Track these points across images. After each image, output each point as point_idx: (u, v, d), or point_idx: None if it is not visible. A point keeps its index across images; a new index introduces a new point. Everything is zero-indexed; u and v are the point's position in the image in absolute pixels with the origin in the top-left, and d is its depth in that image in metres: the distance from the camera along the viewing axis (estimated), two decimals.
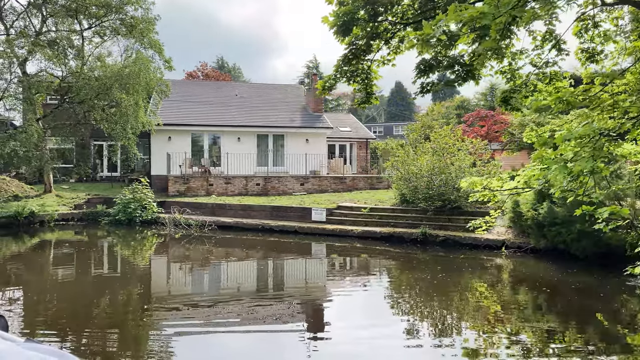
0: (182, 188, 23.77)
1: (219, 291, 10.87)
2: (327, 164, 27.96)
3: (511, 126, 23.84)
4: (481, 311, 9.12)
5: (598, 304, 9.65)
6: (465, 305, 9.64)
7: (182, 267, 13.87)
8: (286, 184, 24.88)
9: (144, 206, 21.14)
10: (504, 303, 9.80)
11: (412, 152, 18.16)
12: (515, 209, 14.72)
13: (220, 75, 49.03)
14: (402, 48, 11.56)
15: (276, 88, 34.36)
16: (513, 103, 12.21)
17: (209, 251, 15.65)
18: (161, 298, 10.27)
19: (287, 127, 27.69)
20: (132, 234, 19.15)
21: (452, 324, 8.45)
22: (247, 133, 27.32)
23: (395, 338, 7.58)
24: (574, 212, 12.47)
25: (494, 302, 9.91)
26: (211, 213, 20.62)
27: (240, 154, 26.10)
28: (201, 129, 26.81)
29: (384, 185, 25.97)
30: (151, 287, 11.74)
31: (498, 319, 8.58)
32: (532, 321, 8.52)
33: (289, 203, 20.39)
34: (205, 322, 8.35)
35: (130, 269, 13.69)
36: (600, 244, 12.14)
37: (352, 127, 34.68)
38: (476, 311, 9.14)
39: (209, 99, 29.80)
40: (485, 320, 8.46)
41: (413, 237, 15.78)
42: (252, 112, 28.91)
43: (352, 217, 18.10)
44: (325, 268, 13.81)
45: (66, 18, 23.52)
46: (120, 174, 29.75)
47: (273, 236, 17.78)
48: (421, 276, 12.06)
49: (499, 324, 8.20)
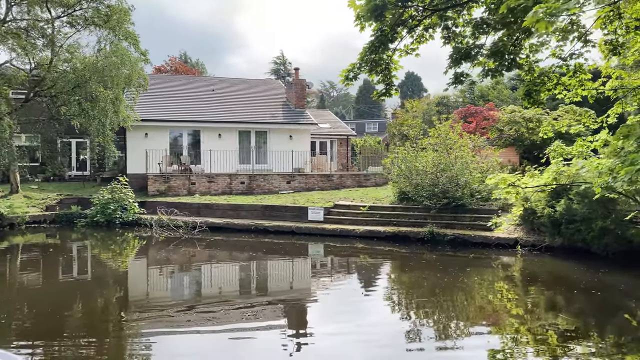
0: (162, 187, 22.49)
1: (221, 298, 9.94)
2: (311, 161, 27.16)
3: (499, 122, 23.66)
4: (533, 318, 8.56)
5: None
6: (503, 310, 9.07)
7: (175, 272, 12.81)
8: (272, 182, 23.95)
9: (124, 207, 19.82)
10: (553, 310, 9.27)
11: (411, 149, 17.58)
12: (525, 206, 14.33)
13: (190, 70, 47.40)
14: (427, 36, 10.94)
15: (254, 83, 33.28)
16: (535, 96, 11.79)
17: (203, 254, 14.63)
18: (153, 304, 9.24)
19: (270, 123, 26.72)
20: (113, 236, 17.85)
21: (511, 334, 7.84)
22: (229, 129, 26.20)
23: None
24: (594, 209, 12.16)
25: (537, 308, 9.37)
26: (197, 213, 19.49)
27: (221, 151, 24.98)
28: (180, 125, 25.53)
29: (372, 183, 25.39)
30: (149, 292, 10.66)
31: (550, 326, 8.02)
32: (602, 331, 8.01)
33: (281, 202, 19.50)
34: (210, 326, 7.48)
35: (117, 274, 12.54)
36: (621, 242, 11.86)
37: (331, 123, 33.99)
38: (520, 316, 8.57)
39: (186, 94, 28.47)
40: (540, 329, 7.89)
41: (420, 236, 15.19)
42: (232, 108, 27.78)
43: (351, 216, 17.39)
44: (334, 271, 13.04)
45: (32, 6, 21.81)
46: (91, 172, 28.04)
47: (268, 237, 16.87)
48: (442, 278, 11.44)
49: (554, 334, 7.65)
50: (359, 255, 14.49)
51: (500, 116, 23.54)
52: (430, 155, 16.40)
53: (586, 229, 12.27)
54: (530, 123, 23.07)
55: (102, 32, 21.95)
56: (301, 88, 29.18)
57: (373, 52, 9.90)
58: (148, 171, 23.23)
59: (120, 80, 19.21)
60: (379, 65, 10.53)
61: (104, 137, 20.03)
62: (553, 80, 11.58)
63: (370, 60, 10.06)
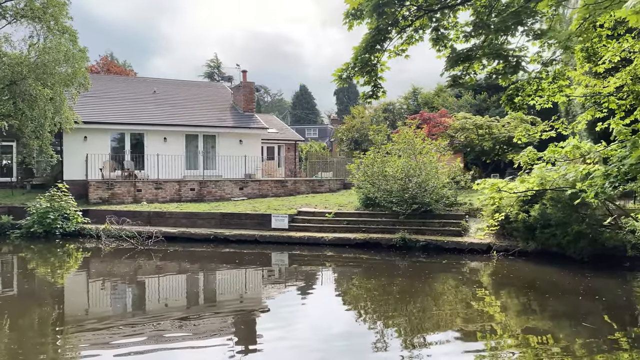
0: (105, 194, 20.83)
1: (188, 312, 9.06)
2: (262, 167, 26.34)
3: (450, 129, 24.03)
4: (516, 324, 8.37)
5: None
6: (493, 318, 8.86)
7: (129, 287, 11.65)
8: (224, 189, 22.89)
9: (65, 216, 18.11)
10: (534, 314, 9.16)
11: (378, 155, 17.27)
12: (496, 211, 14.41)
13: (124, 71, 44.96)
14: (417, 37, 10.65)
15: (197, 85, 32.01)
16: (517, 102, 11.82)
17: (163, 267, 13.52)
18: (102, 321, 8.23)
19: (219, 127, 25.60)
20: (53, 248, 16.17)
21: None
22: (175, 133, 24.84)
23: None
24: (568, 213, 12.35)
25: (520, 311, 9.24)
26: (148, 222, 18.14)
27: (167, 155, 23.60)
28: (122, 128, 23.86)
29: (326, 189, 24.96)
30: (102, 311, 9.52)
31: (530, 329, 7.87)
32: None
33: (240, 209, 18.57)
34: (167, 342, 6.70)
35: (56, 289, 11.21)
36: (596, 245, 12.12)
37: (278, 128, 33.28)
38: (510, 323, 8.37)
39: (126, 96, 26.77)
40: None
41: (392, 242, 14.88)
42: (178, 111, 26.41)
43: (317, 223, 16.81)
44: (309, 280, 12.38)
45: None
46: (18, 179, 25.58)
47: (229, 247, 15.94)
48: (421, 285, 11.14)
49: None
50: (330, 264, 13.94)
51: (452, 122, 23.91)
52: (400, 160, 16.18)
53: (561, 233, 12.45)
54: (480, 129, 23.59)
55: (37, 26, 20.08)
56: (249, 91, 28.32)
57: (367, 52, 9.46)
58: (89, 177, 21.46)
59: (61, 78, 17.53)
60: (367, 65, 10.11)
61: (42, 140, 18.20)
62: (533, 85, 11.71)
63: (364, 59, 9.61)
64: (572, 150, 13.04)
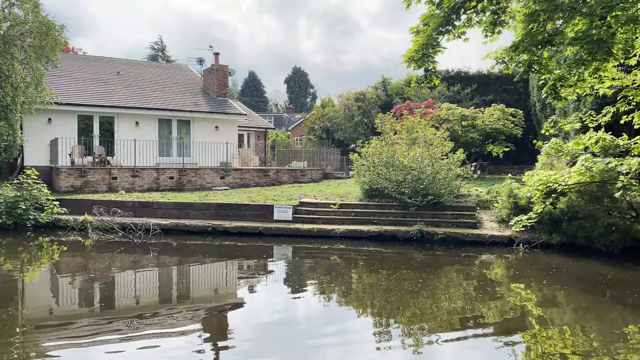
0: (78, 182, 18.98)
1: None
2: (239, 155, 25.11)
3: (435, 119, 23.84)
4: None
5: None
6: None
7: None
8: (204, 177, 21.56)
9: (38, 206, 16.28)
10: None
11: (384, 145, 16.68)
12: (516, 203, 14.26)
13: (67, 49, 41.53)
14: (476, 20, 10.12)
15: (162, 67, 30.19)
16: (560, 92, 11.55)
17: (160, 261, 12.30)
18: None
19: (194, 112, 24.09)
20: (25, 242, 14.43)
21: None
22: (147, 117, 23.13)
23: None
24: (597, 207, 12.28)
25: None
26: (133, 213, 16.63)
27: (139, 141, 21.89)
28: (91, 111, 21.88)
29: (308, 179, 24.15)
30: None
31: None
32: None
33: (235, 200, 17.41)
34: None
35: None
36: (627, 238, 12.15)
37: (247, 115, 31.94)
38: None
39: (91, 76, 24.62)
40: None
41: (409, 235, 14.37)
42: (149, 93, 24.61)
43: (322, 215, 16.03)
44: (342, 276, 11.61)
45: None
46: None
47: (231, 239, 14.87)
48: (458, 280, 10.70)
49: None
50: (355, 257, 13.18)
51: (438, 113, 23.73)
52: (417, 149, 15.67)
53: (590, 225, 12.41)
54: (464, 121, 23.58)
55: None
56: (223, 75, 26.90)
57: (442, 27, 8.80)
58: (59, 163, 19.47)
59: (43, 51, 15.59)
60: (432, 47, 9.46)
61: (9, 120, 16.16)
62: (574, 77, 11.49)
63: (434, 39, 8.94)
64: (594, 141, 13.00)
